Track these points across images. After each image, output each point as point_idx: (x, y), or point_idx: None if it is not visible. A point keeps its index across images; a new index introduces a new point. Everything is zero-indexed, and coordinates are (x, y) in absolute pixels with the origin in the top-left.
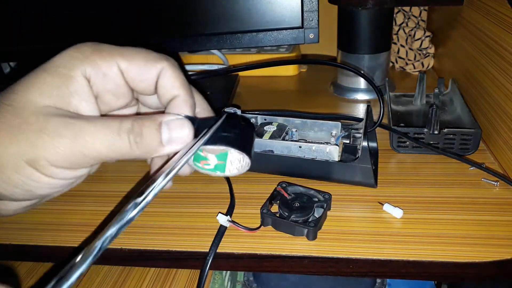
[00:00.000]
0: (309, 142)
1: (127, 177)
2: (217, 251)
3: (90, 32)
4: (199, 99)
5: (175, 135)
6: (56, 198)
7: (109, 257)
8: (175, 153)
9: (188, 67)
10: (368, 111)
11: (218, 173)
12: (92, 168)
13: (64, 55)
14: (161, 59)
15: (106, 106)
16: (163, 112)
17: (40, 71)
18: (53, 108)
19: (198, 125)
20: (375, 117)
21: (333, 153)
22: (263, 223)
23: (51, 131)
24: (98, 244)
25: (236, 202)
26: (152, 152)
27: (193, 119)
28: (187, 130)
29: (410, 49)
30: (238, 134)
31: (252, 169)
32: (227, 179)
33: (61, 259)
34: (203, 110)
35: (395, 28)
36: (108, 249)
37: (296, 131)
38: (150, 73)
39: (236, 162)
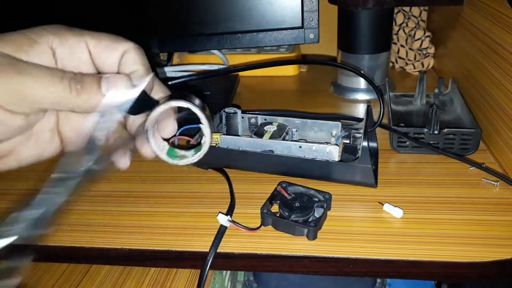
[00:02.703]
0: (309, 142)
1: (127, 177)
2: (218, 251)
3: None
4: (159, 86)
5: (113, 85)
6: None
7: (109, 257)
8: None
9: (188, 67)
10: (368, 111)
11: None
12: (28, 120)
13: (38, 27)
14: (127, 41)
15: None
16: None
17: (13, 32)
18: (4, 53)
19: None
20: (375, 117)
21: (333, 153)
22: (263, 223)
23: None
24: None
25: (236, 202)
26: (90, 101)
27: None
28: (124, 82)
29: (410, 49)
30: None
31: (252, 169)
32: (227, 179)
33: (61, 259)
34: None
35: (395, 28)
36: (108, 249)
37: (296, 131)
38: (115, 53)
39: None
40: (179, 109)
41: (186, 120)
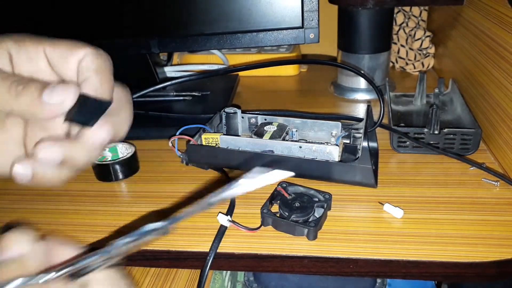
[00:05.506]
0: (309, 142)
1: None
2: (218, 251)
3: (90, 32)
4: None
5: (56, 96)
6: (57, 198)
7: None
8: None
9: (188, 67)
10: (368, 111)
11: None
12: None
13: (2, 35)
14: (84, 46)
15: None
16: None
17: None
18: None
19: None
20: (375, 117)
21: (333, 153)
22: (263, 223)
23: None
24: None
25: (236, 202)
26: (30, 105)
27: (85, 96)
28: (68, 95)
29: (410, 49)
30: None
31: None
32: (228, 178)
33: None
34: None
35: (395, 28)
36: None
37: (296, 131)
38: (71, 59)
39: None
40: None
41: (186, 120)
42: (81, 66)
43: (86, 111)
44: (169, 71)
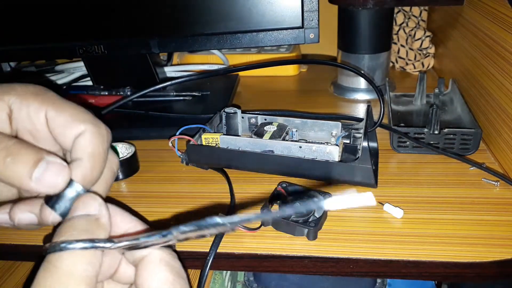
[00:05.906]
0: (309, 142)
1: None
2: (218, 251)
3: (90, 32)
4: (106, 180)
5: (48, 177)
6: None
7: None
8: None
9: (188, 67)
10: (368, 111)
11: None
12: None
13: (10, 85)
14: (86, 120)
15: None
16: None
17: None
18: None
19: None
20: (375, 117)
21: (333, 153)
22: (263, 223)
23: None
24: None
25: (236, 202)
26: (16, 180)
27: (71, 181)
28: (61, 180)
29: (410, 49)
30: None
31: (252, 169)
32: (227, 179)
33: None
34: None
35: (395, 28)
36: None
37: (296, 131)
38: (70, 131)
39: None
40: None
41: (186, 120)
42: (78, 143)
43: (64, 200)
44: (169, 71)
